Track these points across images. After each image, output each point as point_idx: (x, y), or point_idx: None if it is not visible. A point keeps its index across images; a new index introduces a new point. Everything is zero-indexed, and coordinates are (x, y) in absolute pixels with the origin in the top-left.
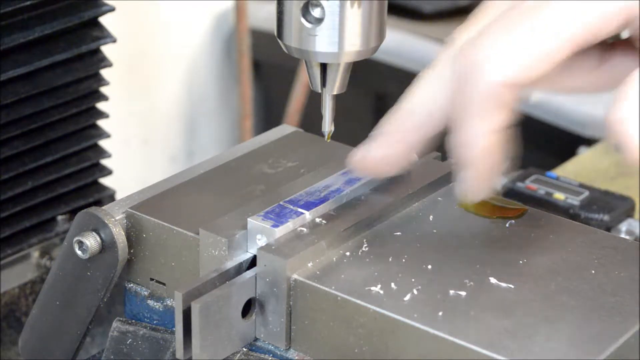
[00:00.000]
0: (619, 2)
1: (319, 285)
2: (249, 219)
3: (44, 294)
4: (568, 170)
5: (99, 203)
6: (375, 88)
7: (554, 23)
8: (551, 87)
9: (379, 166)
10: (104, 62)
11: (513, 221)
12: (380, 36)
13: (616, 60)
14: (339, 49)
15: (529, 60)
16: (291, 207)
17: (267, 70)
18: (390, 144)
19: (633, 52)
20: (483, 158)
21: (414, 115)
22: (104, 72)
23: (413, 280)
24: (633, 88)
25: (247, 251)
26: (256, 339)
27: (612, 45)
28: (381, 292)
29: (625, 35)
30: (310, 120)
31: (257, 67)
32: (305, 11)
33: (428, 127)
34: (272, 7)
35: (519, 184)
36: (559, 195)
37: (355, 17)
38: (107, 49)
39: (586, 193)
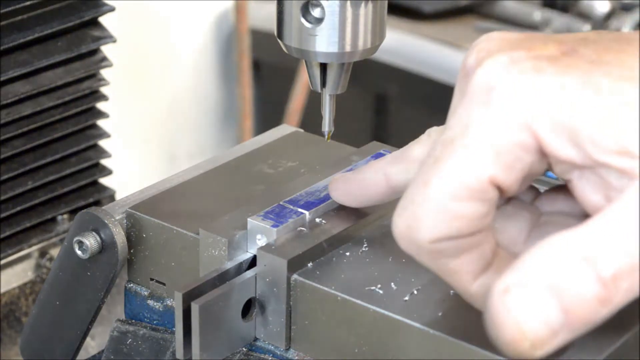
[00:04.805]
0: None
1: (319, 285)
2: (249, 219)
3: (44, 294)
4: None
5: (99, 203)
6: (375, 88)
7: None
8: None
9: (359, 190)
10: (104, 62)
11: None
12: (380, 36)
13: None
14: (339, 49)
15: None
16: (291, 207)
17: (267, 70)
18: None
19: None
20: None
21: None
22: (104, 72)
23: (413, 280)
24: (532, 258)
25: (247, 251)
26: (256, 339)
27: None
28: (381, 292)
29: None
30: (310, 120)
31: (257, 67)
32: (305, 11)
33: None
34: (272, 7)
35: None
36: None
37: (355, 17)
38: (107, 49)
39: None
